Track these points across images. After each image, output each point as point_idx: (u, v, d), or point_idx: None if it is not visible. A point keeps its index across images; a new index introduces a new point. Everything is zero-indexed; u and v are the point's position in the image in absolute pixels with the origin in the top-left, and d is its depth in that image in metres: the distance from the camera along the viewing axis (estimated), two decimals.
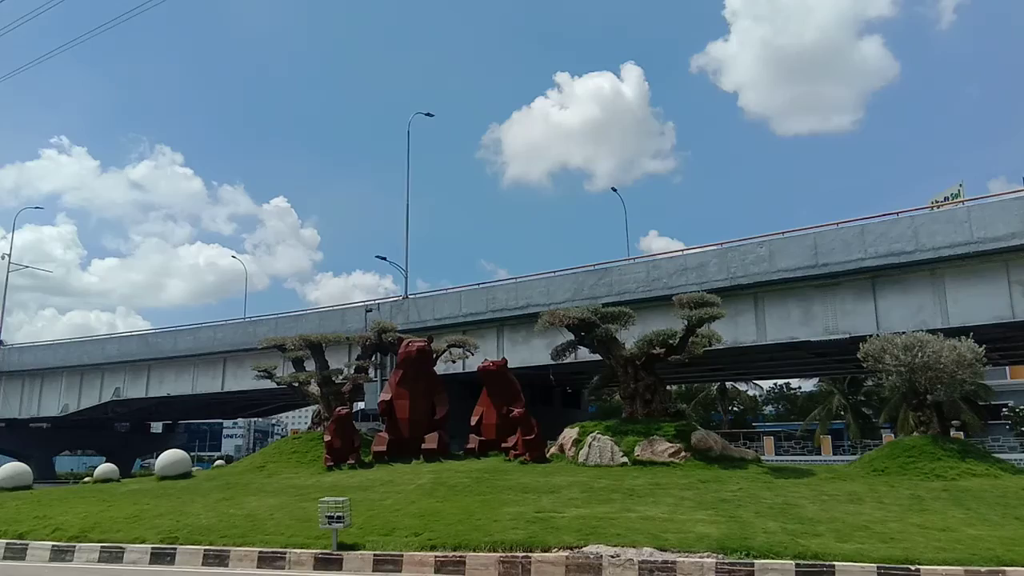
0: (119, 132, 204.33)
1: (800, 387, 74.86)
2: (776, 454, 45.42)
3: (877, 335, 18.62)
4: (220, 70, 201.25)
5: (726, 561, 9.62)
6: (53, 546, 13.07)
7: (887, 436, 42.31)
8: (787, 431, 58.08)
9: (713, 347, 19.55)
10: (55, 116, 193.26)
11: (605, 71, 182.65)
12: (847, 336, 25.61)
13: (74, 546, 12.96)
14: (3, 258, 55.07)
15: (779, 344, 28.66)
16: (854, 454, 40.38)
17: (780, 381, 72.71)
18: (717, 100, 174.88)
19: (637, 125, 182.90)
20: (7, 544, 13.35)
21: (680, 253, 30.35)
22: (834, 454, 44.66)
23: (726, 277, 27.58)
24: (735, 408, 69.80)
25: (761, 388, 71.89)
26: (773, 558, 9.54)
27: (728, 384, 63.31)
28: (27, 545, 13.23)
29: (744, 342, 28.34)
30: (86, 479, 25.73)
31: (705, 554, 9.85)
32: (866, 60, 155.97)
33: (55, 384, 48.89)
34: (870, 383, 50.32)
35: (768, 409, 79.42)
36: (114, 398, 46.63)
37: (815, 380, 63.06)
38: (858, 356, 17.67)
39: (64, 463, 60.50)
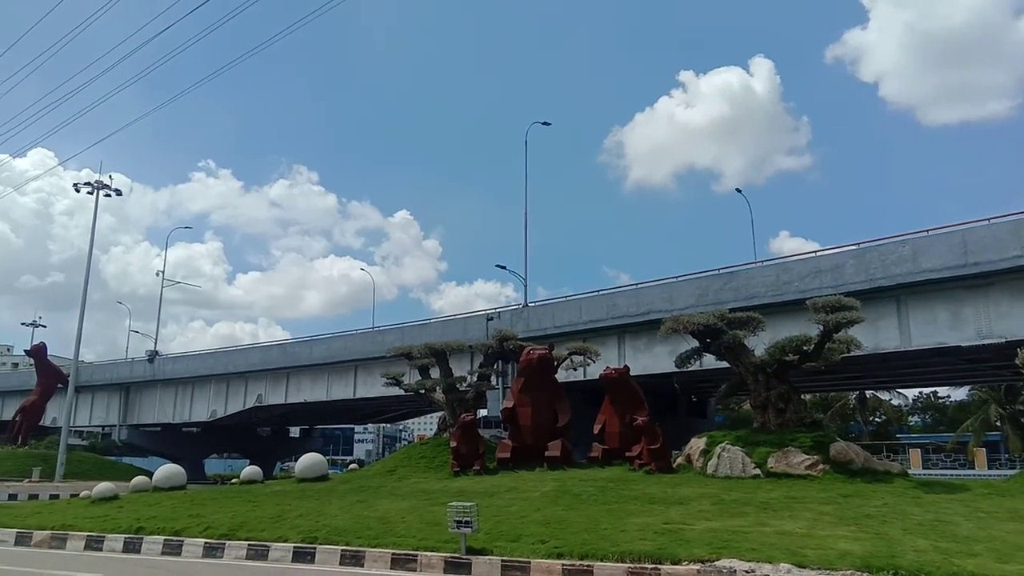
0: (260, 154, 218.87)
1: (950, 396, 69.65)
2: (923, 468, 42.53)
3: None
4: (347, 91, 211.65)
5: None
6: (205, 543, 13.99)
7: None
8: (936, 443, 54.22)
9: (851, 354, 18.45)
10: (203, 141, 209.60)
11: (733, 66, 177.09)
12: (1003, 340, 23.51)
13: (224, 543, 13.81)
14: (158, 275, 60.06)
15: (925, 350, 26.69)
16: (1012, 468, 36.98)
17: (927, 389, 68.02)
18: (855, 91, 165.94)
19: (769, 121, 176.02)
20: (165, 540, 14.41)
21: (813, 255, 28.87)
22: (990, 468, 41.35)
23: (864, 279, 25.98)
24: (876, 418, 65.77)
25: (905, 397, 67.25)
26: None
27: (868, 393, 59.68)
28: (182, 542, 14.23)
29: (886, 348, 26.59)
30: (233, 480, 27.44)
31: (848, 572, 9.26)
32: None
33: (204, 391, 52.55)
34: None
35: (914, 420, 74.42)
36: (257, 404, 49.55)
37: (967, 388, 58.39)
38: (1016, 362, 16.24)
39: (212, 465, 64.72)
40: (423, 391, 26.37)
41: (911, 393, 67.03)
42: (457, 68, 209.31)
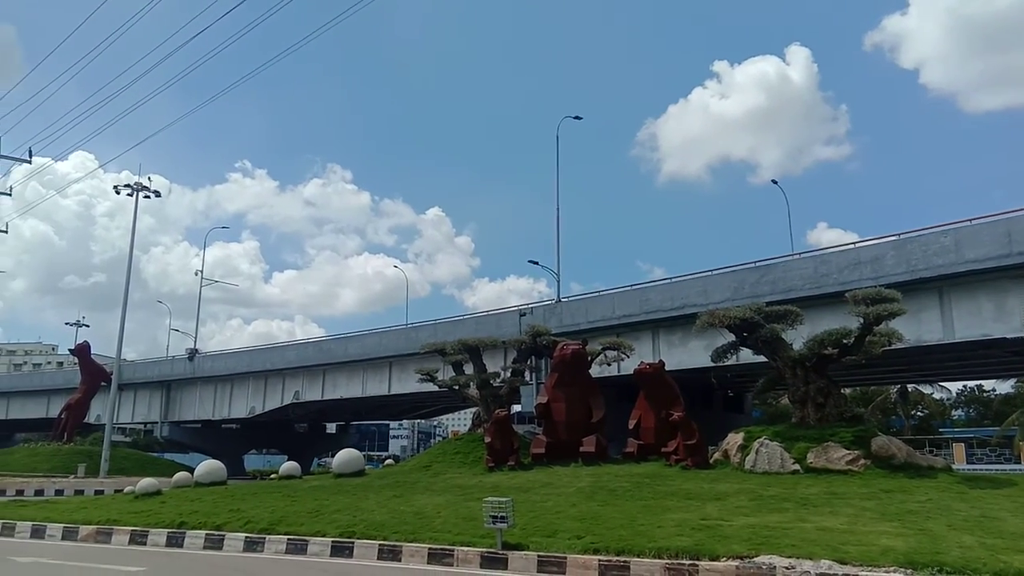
0: (294, 154, 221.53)
1: (995, 389, 67.97)
2: (967, 462, 41.63)
3: None
4: (379, 90, 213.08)
5: None
6: (246, 537, 14.19)
7: None
8: (980, 437, 52.88)
9: (893, 347, 18.10)
10: (239, 142, 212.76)
11: (768, 55, 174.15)
12: None
13: (264, 538, 14.00)
14: (196, 274, 61.22)
15: (969, 342, 26.14)
16: None
17: (971, 383, 66.38)
18: (895, 79, 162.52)
19: (806, 111, 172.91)
20: (206, 535, 14.65)
21: (852, 246, 28.38)
22: None
23: (905, 270, 25.47)
24: (919, 412, 64.42)
25: (948, 391, 65.91)
26: (970, 575, 8.65)
27: (910, 387, 58.48)
28: (223, 536, 14.44)
29: (928, 341, 26.05)
30: (272, 476, 27.83)
31: (891, 569, 9.07)
32: None
33: (243, 388, 53.43)
34: None
35: (957, 413, 72.72)
36: (294, 400, 50.26)
37: (1012, 381, 56.91)
38: None
39: (251, 461, 65.76)
40: (457, 387, 26.47)
41: (954, 386, 65.64)
42: (488, 64, 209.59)
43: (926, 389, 60.93)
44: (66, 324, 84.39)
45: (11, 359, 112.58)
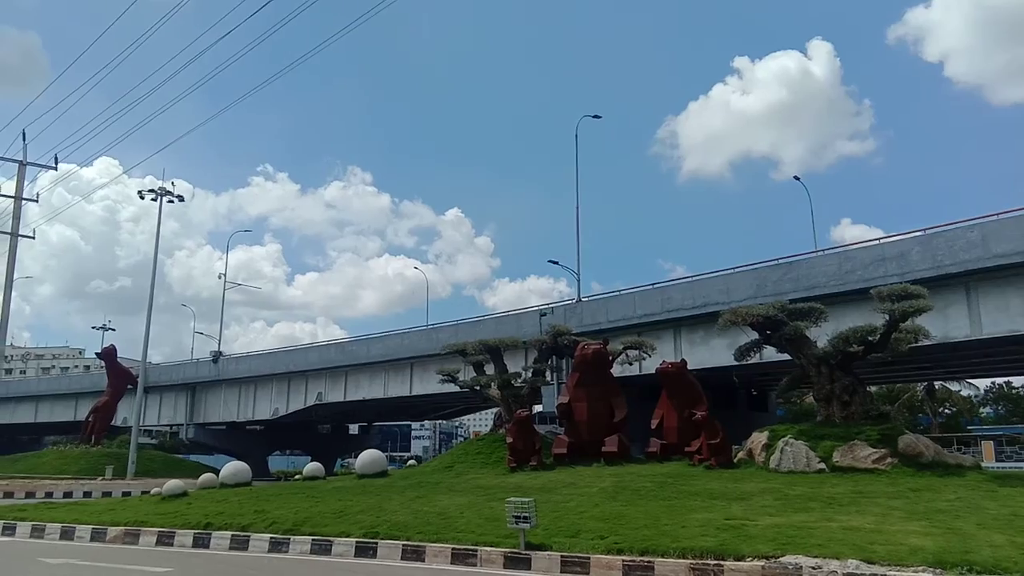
0: (315, 157, 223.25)
1: None
2: (997, 461, 40.89)
3: None
4: (397, 92, 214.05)
5: None
6: (271, 538, 14.30)
7: None
8: (1010, 435, 52.01)
9: (919, 343, 17.84)
10: (260, 146, 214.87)
11: (790, 50, 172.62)
12: None
13: (289, 538, 14.10)
14: (220, 277, 61.82)
15: (997, 338, 25.66)
16: None
17: (999, 379, 65.30)
18: (920, 72, 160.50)
19: (829, 106, 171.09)
20: (232, 535, 14.79)
21: (877, 242, 28.01)
22: None
23: (931, 266, 25.08)
24: (946, 410, 63.48)
25: (976, 388, 64.92)
26: (1000, 575, 8.50)
27: (937, 384, 57.65)
28: (249, 537, 14.57)
29: (955, 337, 25.64)
30: (296, 477, 28.04)
31: (920, 568, 8.94)
32: None
33: (267, 390, 53.86)
34: None
35: (986, 411, 71.56)
36: (317, 402, 50.57)
37: None
38: None
39: (276, 462, 66.26)
40: (478, 387, 26.50)
41: (982, 383, 64.62)
42: (506, 63, 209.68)
43: (953, 386, 60.05)
44: (93, 328, 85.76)
45: (39, 363, 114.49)
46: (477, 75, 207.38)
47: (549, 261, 52.54)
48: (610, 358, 22.92)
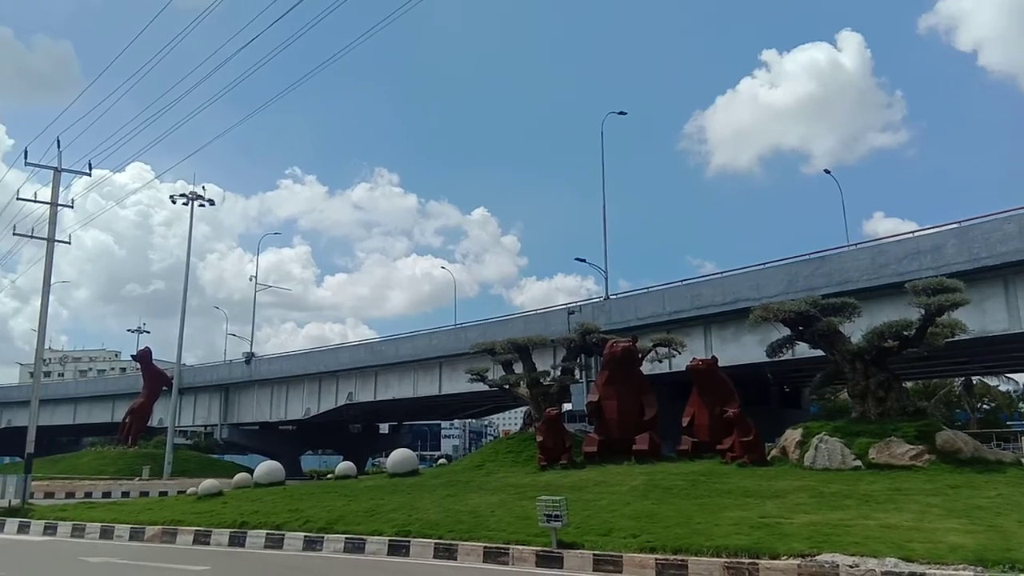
0: (343, 159, 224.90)
1: None
2: None
3: None
4: (423, 92, 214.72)
5: (985, 575, 8.53)
6: (305, 536, 14.48)
7: None
8: None
9: (956, 338, 17.50)
10: (288, 149, 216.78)
11: (819, 42, 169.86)
12: None
13: (322, 537, 14.27)
14: (251, 280, 62.70)
15: None
16: None
17: None
18: (952, 62, 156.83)
19: (860, 98, 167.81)
20: (267, 534, 14.99)
21: (911, 235, 27.50)
22: None
23: (967, 259, 24.57)
24: (984, 405, 62.15)
25: (1016, 382, 63.29)
26: None
27: (974, 379, 56.48)
28: (283, 535, 14.77)
29: (993, 331, 25.11)
30: (328, 476, 28.31)
31: (960, 566, 8.80)
32: None
33: (298, 390, 54.47)
34: None
35: None
36: (347, 402, 51.02)
37: None
38: None
39: (308, 462, 66.96)
40: (507, 386, 26.52)
41: (1021, 378, 63.01)
42: (530, 61, 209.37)
43: (992, 381, 58.81)
44: (128, 331, 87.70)
45: (77, 366, 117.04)
46: (501, 74, 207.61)
47: (576, 259, 52.68)
48: (639, 355, 22.80)
